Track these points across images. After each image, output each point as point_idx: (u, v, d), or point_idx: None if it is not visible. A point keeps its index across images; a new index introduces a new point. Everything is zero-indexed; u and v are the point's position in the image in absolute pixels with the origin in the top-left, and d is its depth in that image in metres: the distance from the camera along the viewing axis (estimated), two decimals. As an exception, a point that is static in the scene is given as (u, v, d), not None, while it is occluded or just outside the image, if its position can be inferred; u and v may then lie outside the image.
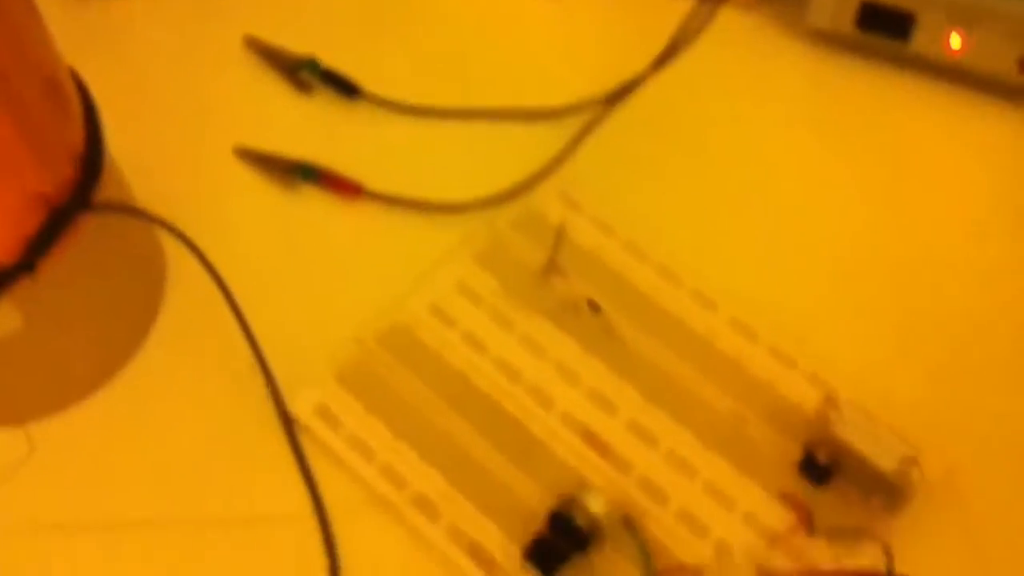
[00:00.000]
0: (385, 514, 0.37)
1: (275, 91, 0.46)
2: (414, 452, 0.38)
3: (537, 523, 0.35)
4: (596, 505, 0.35)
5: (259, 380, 0.39)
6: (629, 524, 0.35)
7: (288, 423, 0.38)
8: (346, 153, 0.44)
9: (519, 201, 0.42)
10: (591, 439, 0.38)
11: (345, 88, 0.45)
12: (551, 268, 0.40)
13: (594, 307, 0.39)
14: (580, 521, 0.35)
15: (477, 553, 0.36)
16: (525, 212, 0.42)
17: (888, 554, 0.32)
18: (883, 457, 0.34)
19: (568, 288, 0.40)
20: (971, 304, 0.41)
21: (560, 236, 0.40)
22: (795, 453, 0.37)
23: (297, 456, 0.38)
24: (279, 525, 0.37)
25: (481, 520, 0.36)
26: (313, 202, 0.43)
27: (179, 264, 0.41)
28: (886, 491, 0.34)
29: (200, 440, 0.38)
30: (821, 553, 0.34)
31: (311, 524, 0.37)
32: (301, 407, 0.38)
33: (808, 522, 0.35)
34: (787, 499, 0.36)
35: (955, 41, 0.44)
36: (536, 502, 0.36)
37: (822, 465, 0.35)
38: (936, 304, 0.41)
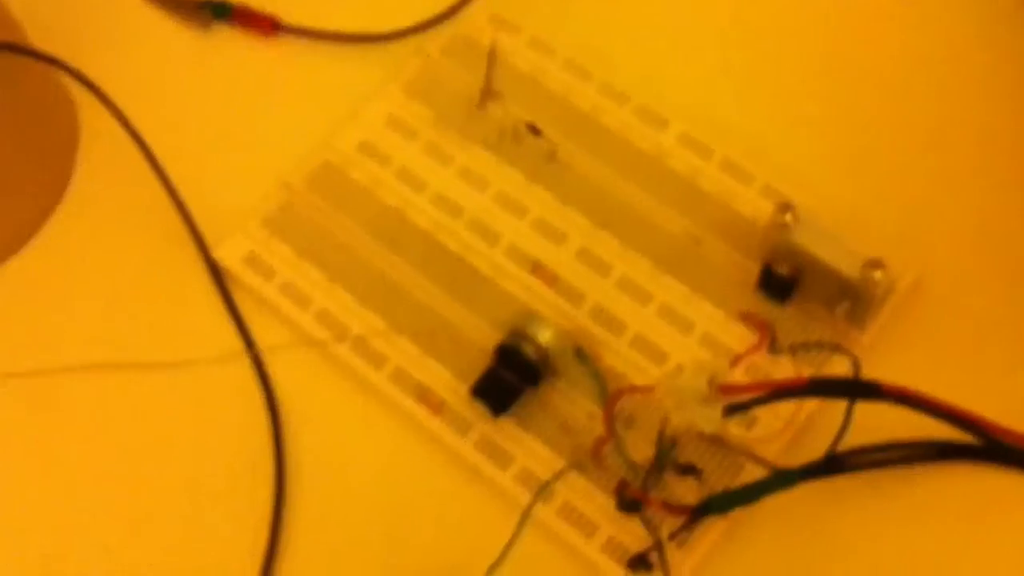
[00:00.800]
0: (325, 362, 0.35)
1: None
2: (352, 296, 0.35)
3: (486, 360, 0.33)
4: (545, 336, 0.33)
5: (186, 231, 0.36)
6: (581, 354, 0.33)
7: (216, 273, 0.36)
8: (261, -14, 0.41)
9: (449, 25, 0.39)
10: (540, 271, 0.35)
11: (255, -83, 0.42)
12: (487, 94, 0.38)
13: (534, 130, 0.37)
14: (529, 353, 0.33)
15: (424, 395, 0.34)
16: (455, 37, 0.39)
17: (855, 363, 0.30)
18: (845, 261, 0.32)
19: (506, 114, 0.37)
20: (933, 108, 0.38)
21: (493, 59, 0.37)
22: (754, 272, 0.34)
23: (228, 306, 0.35)
24: (216, 372, 0.35)
25: (426, 361, 0.34)
26: (228, 42, 0.40)
27: (92, 117, 0.38)
28: (851, 298, 0.32)
29: (128, 294, 0.36)
30: (784, 370, 0.33)
31: (250, 374, 0.35)
32: (229, 256, 0.36)
33: (771, 340, 0.33)
34: (747, 318, 0.34)
35: None
36: (484, 339, 0.34)
37: (783, 278, 0.33)
38: (896, 108, 0.38)
